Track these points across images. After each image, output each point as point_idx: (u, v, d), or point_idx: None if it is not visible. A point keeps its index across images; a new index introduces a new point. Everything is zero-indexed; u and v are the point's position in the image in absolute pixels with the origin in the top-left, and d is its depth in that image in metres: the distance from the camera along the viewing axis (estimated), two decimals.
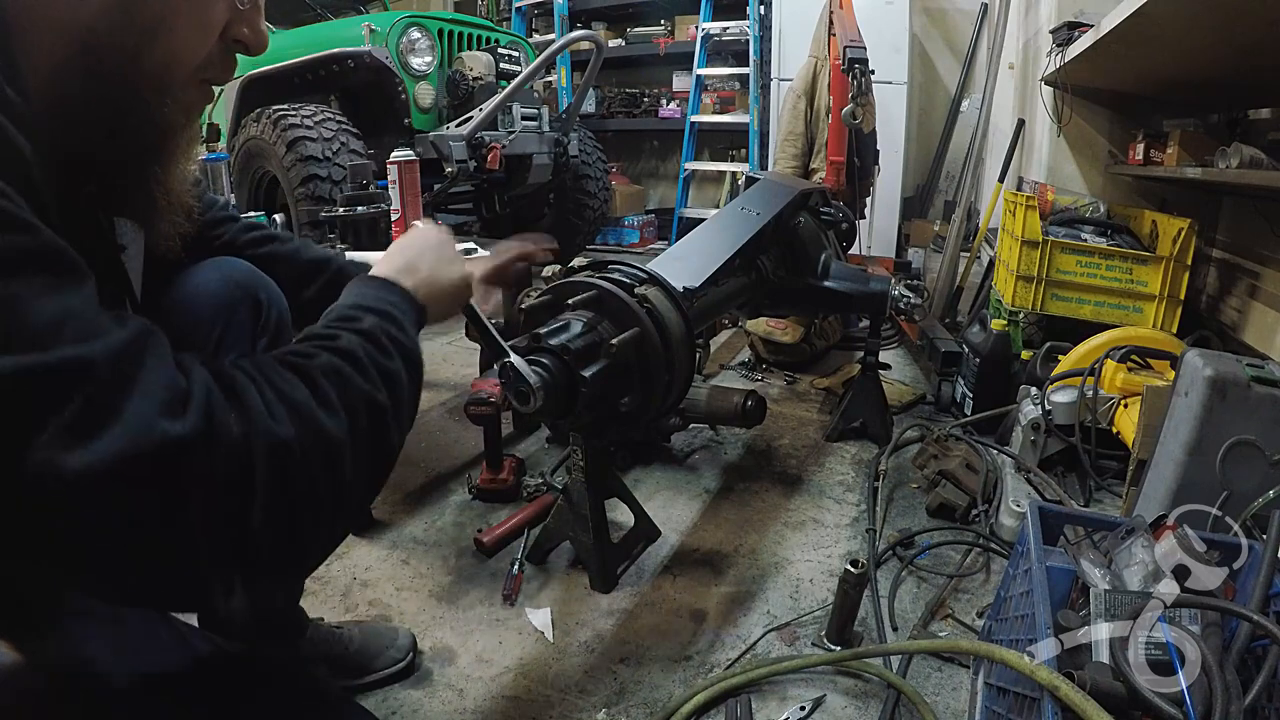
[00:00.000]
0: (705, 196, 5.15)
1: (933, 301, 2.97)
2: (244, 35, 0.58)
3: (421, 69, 3.03)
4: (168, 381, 0.42)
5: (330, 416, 0.49)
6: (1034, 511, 0.97)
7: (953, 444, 1.80)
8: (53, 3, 0.48)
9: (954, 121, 4.29)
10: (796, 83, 2.92)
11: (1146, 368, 1.73)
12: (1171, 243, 2.02)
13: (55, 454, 0.37)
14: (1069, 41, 2.26)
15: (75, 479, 0.37)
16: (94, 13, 0.49)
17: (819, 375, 2.46)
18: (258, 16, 0.59)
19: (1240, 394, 1.14)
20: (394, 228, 1.71)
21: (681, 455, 1.88)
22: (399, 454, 0.59)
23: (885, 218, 3.84)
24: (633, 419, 1.21)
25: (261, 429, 0.44)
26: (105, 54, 0.50)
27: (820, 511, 1.62)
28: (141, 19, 0.51)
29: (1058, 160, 2.73)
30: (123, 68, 0.51)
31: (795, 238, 1.88)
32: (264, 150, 2.75)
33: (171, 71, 0.54)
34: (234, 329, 0.83)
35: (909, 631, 1.24)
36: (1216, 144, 1.92)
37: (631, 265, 1.28)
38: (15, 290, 0.38)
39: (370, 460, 0.53)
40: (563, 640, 1.21)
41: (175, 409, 0.41)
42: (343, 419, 0.50)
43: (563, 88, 4.61)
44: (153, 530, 0.40)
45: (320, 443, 0.48)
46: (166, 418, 0.40)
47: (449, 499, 1.66)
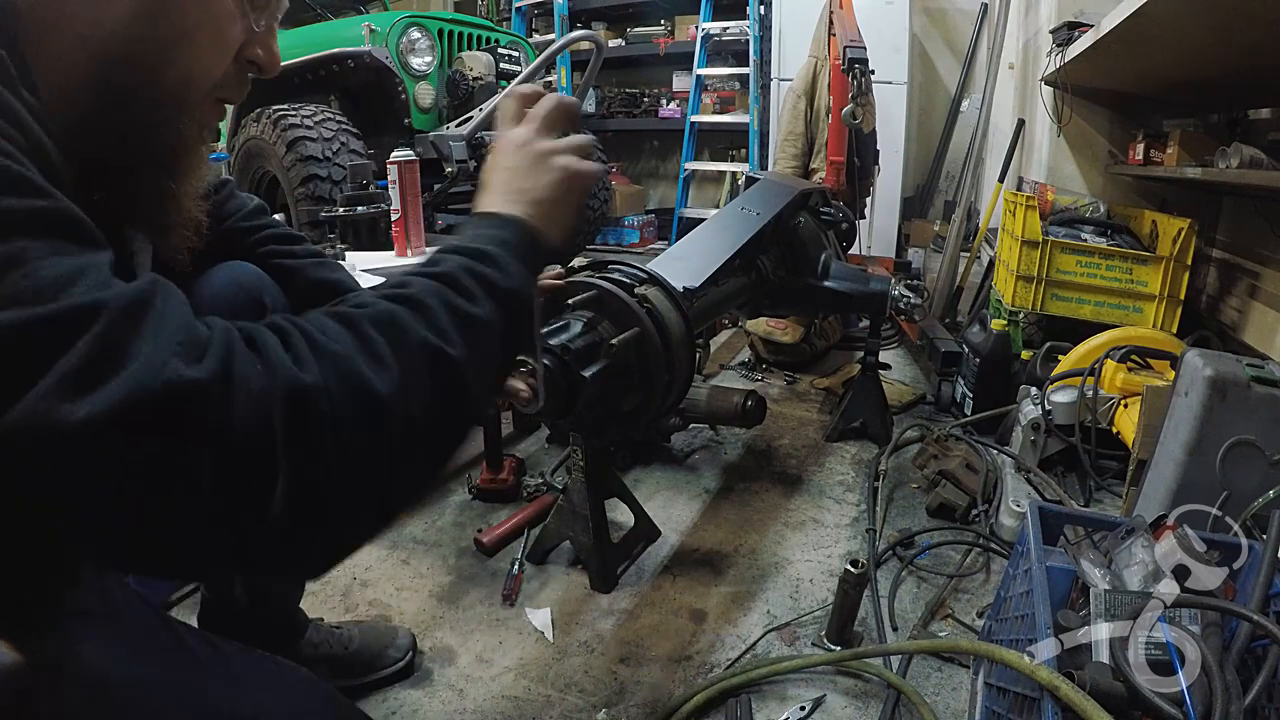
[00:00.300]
0: (705, 196, 5.14)
1: (933, 301, 2.97)
2: (258, 56, 0.59)
3: (421, 69, 3.03)
4: (183, 325, 0.39)
5: (377, 369, 0.44)
6: (1034, 511, 0.97)
7: (953, 444, 1.80)
8: (75, 15, 0.48)
9: (954, 121, 4.28)
10: (796, 83, 2.92)
11: (1146, 368, 1.73)
12: (1171, 243, 2.01)
13: (56, 404, 0.35)
14: (1069, 41, 2.26)
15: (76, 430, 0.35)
16: (115, 27, 0.49)
17: (819, 375, 2.46)
18: (272, 39, 0.59)
19: (1240, 394, 1.14)
20: (394, 228, 1.71)
21: (681, 455, 1.88)
22: (482, 415, 0.51)
23: (885, 218, 3.84)
24: (633, 419, 1.21)
25: (284, 378, 0.40)
26: (125, 68, 0.50)
27: (820, 511, 1.62)
28: (162, 36, 0.51)
29: (1058, 160, 2.73)
30: (141, 83, 0.52)
31: (795, 238, 1.88)
32: (264, 150, 2.75)
33: (188, 89, 0.55)
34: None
35: (909, 631, 1.24)
36: (1216, 144, 1.92)
37: (631, 265, 1.28)
38: (26, 246, 0.37)
39: (430, 422, 0.46)
40: (563, 640, 1.21)
41: (190, 354, 0.38)
42: (394, 372, 0.44)
43: (563, 88, 4.61)
44: (160, 486, 0.37)
45: (360, 398, 0.42)
46: (180, 360, 0.37)
47: (449, 499, 1.66)
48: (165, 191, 0.58)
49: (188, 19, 0.52)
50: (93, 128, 0.51)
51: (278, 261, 0.91)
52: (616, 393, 1.16)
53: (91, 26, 0.49)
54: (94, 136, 0.51)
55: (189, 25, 0.52)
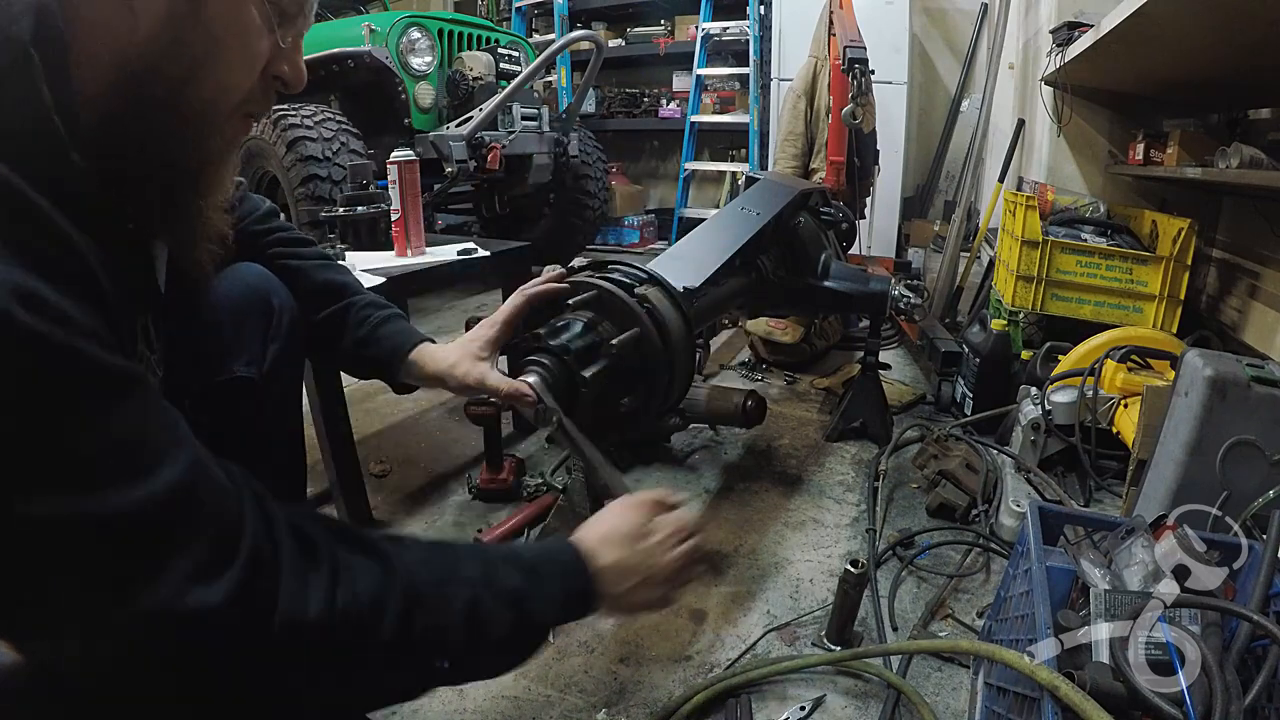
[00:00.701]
0: (705, 196, 5.14)
1: (933, 301, 2.97)
2: (284, 72, 0.59)
3: (421, 69, 3.03)
4: (213, 535, 0.43)
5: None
6: (1034, 511, 0.97)
7: (953, 444, 1.80)
8: (106, 31, 0.48)
9: (954, 121, 4.29)
10: (796, 83, 2.92)
11: (1146, 368, 1.73)
12: (1171, 243, 2.01)
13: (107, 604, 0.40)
14: (1069, 41, 2.26)
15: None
16: (145, 42, 0.49)
17: (819, 375, 2.46)
18: (297, 54, 0.60)
19: (1240, 394, 1.14)
20: (394, 228, 1.71)
21: (681, 455, 1.88)
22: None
23: (885, 218, 3.84)
24: (633, 419, 1.21)
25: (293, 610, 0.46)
26: (154, 83, 0.51)
27: (820, 511, 1.62)
28: (192, 51, 0.51)
29: (1058, 160, 2.73)
30: (170, 98, 0.52)
31: (795, 238, 1.87)
32: (264, 150, 2.75)
33: (217, 104, 0.55)
34: (245, 333, 0.84)
35: (909, 631, 1.24)
36: (1216, 144, 1.92)
37: (631, 265, 1.27)
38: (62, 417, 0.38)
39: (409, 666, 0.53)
40: (563, 640, 1.20)
41: (212, 571, 0.42)
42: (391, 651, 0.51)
43: (563, 88, 4.61)
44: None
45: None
46: (201, 585, 0.42)
47: (449, 499, 1.66)
48: (192, 206, 0.59)
49: (217, 33, 0.52)
50: (123, 144, 0.51)
51: (284, 263, 0.92)
52: (616, 393, 1.16)
53: (122, 40, 0.49)
54: (124, 154, 0.52)
55: (218, 39, 0.53)
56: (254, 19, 0.54)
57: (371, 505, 1.56)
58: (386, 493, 1.67)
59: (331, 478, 1.49)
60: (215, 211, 0.62)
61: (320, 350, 0.97)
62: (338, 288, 0.95)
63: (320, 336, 0.93)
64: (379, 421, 2.07)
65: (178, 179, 0.56)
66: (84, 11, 0.47)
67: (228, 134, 0.58)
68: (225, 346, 0.83)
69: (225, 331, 0.83)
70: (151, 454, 0.41)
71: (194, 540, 0.42)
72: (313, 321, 0.93)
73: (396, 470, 1.78)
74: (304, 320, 0.91)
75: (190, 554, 0.41)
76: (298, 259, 0.94)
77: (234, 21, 0.53)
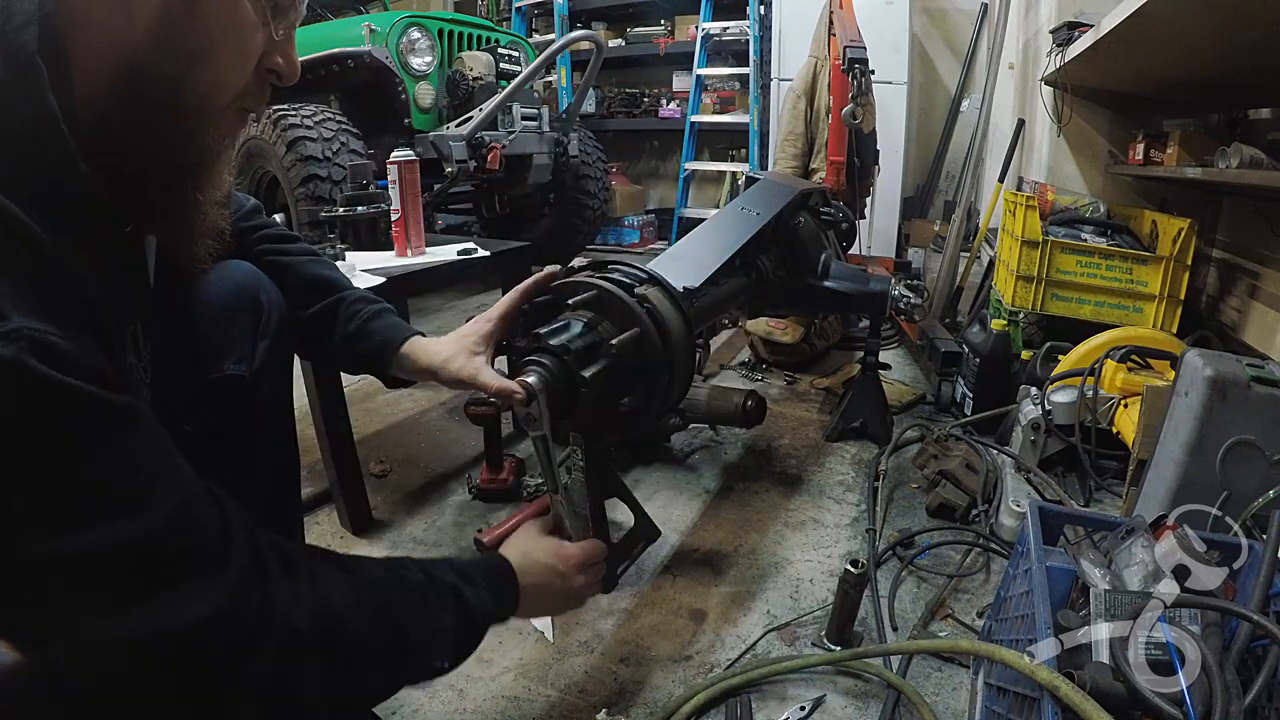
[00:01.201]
0: (705, 196, 5.14)
1: (933, 301, 2.97)
2: (278, 65, 0.59)
3: (421, 69, 3.03)
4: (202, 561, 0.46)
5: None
6: (1034, 511, 0.97)
7: (953, 444, 1.80)
8: (101, 29, 0.48)
9: (954, 121, 4.28)
10: (796, 83, 2.92)
11: (1146, 368, 1.73)
12: (1171, 243, 2.01)
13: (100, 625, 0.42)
14: (1069, 41, 2.26)
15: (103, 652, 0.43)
16: (140, 39, 0.49)
17: (819, 375, 2.46)
18: (290, 47, 0.60)
19: (1240, 394, 1.14)
20: (394, 228, 1.71)
21: (681, 455, 1.88)
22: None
23: (885, 218, 3.84)
24: (633, 419, 1.21)
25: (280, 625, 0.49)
26: (151, 81, 0.51)
27: (820, 511, 1.62)
28: (187, 48, 0.52)
29: (1058, 160, 2.73)
30: (167, 95, 0.52)
31: (795, 238, 1.87)
32: (264, 150, 2.75)
33: (212, 99, 0.55)
34: (235, 330, 0.83)
35: (909, 631, 1.24)
36: (1216, 144, 1.91)
37: (631, 265, 1.27)
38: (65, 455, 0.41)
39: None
40: (563, 640, 1.21)
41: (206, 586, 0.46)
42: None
43: (563, 88, 4.61)
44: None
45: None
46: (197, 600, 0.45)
47: (449, 499, 1.65)
48: (190, 200, 0.59)
49: (212, 29, 0.53)
50: (120, 141, 0.51)
51: (271, 259, 0.92)
52: (616, 393, 1.16)
53: (118, 38, 0.49)
54: (121, 150, 0.52)
55: (214, 35, 0.53)
56: (248, 13, 0.54)
57: (371, 505, 1.56)
58: (386, 493, 1.67)
59: (331, 478, 1.49)
60: (213, 206, 0.62)
61: (311, 346, 0.97)
62: (327, 283, 0.95)
63: (310, 332, 0.93)
64: (379, 421, 2.07)
65: (176, 175, 0.56)
66: (81, 13, 0.47)
67: (224, 129, 0.59)
68: (215, 344, 0.82)
69: (215, 329, 0.82)
70: (149, 484, 0.44)
71: (188, 560, 0.45)
72: (302, 317, 0.92)
73: (396, 470, 1.78)
74: (293, 316, 0.91)
75: (185, 573, 0.45)
76: (285, 255, 0.93)
77: (229, 17, 0.53)
